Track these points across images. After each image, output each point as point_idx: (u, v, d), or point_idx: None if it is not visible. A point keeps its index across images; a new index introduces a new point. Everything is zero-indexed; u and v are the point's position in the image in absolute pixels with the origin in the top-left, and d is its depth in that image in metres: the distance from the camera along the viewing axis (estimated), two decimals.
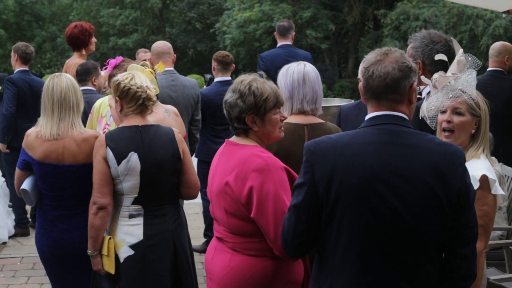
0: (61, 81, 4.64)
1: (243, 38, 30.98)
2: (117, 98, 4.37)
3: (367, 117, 3.01)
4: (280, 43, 8.85)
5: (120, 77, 4.35)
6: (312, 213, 2.96)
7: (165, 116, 5.09)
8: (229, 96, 3.65)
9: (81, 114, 4.73)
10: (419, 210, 2.82)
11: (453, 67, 3.91)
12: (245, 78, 3.67)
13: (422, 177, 2.82)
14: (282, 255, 3.41)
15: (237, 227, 3.55)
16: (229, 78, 7.58)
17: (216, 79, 7.61)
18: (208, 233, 7.72)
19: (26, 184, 4.70)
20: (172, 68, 6.81)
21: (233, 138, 3.70)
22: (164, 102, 5.99)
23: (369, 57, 3.00)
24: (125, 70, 5.10)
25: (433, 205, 2.83)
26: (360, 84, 3.12)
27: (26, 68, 8.52)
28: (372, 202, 2.83)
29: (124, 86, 4.28)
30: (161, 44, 6.90)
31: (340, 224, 2.90)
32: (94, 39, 7.99)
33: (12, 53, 8.49)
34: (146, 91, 4.29)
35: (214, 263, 3.69)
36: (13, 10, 41.77)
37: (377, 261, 2.86)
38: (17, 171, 4.77)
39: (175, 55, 7.00)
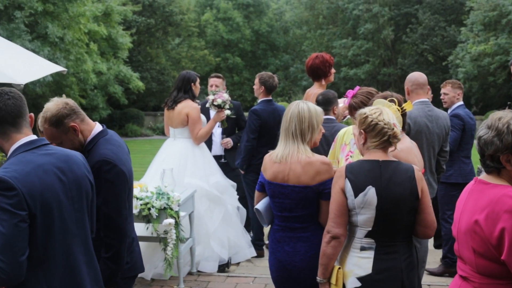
0: (289, 110, 4.84)
1: (477, 72, 30.12)
2: (362, 130, 4.39)
3: None
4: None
5: (368, 110, 4.36)
6: None
7: (412, 146, 5.04)
8: (484, 132, 3.49)
9: (312, 141, 4.83)
10: None
11: None
12: (503, 116, 3.47)
13: None
14: None
15: (485, 267, 3.41)
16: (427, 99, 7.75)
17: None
18: (449, 255, 8.04)
19: (260, 205, 4.93)
20: (426, 99, 6.80)
21: (483, 176, 3.57)
22: (421, 131, 6.27)
23: None
24: (364, 101, 5.18)
25: None
26: None
27: (269, 97, 8.85)
28: None
29: (372, 121, 4.28)
30: (417, 76, 6.88)
31: None
32: (333, 70, 8.15)
33: (258, 83, 8.78)
34: (393, 129, 4.26)
35: None
36: (249, 39, 43.77)
37: None
38: (256, 192, 5.02)
39: (429, 87, 7.01)
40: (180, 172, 8.18)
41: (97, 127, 4.47)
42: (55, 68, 6.62)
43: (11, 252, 3.26)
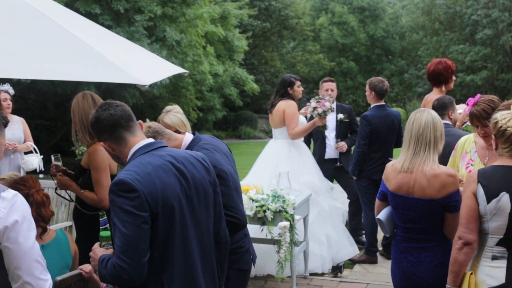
0: (422, 116, 4.75)
1: None
2: (493, 135, 4.29)
3: None
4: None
5: (498, 115, 4.24)
6: None
7: None
8: None
9: (439, 151, 4.76)
10: None
11: None
12: None
13: None
14: None
15: None
16: None
17: None
18: None
19: (382, 214, 4.90)
20: None
21: None
22: None
23: None
24: (485, 108, 5.04)
25: None
26: None
27: (382, 103, 8.81)
28: None
29: (501, 126, 4.16)
30: None
31: None
32: (454, 77, 8.02)
33: (368, 89, 8.82)
34: None
35: None
36: (364, 44, 43.53)
37: None
38: (376, 201, 5.00)
39: None
40: (273, 171, 8.38)
41: (187, 137, 4.65)
42: (177, 69, 6.71)
43: (134, 253, 3.35)
